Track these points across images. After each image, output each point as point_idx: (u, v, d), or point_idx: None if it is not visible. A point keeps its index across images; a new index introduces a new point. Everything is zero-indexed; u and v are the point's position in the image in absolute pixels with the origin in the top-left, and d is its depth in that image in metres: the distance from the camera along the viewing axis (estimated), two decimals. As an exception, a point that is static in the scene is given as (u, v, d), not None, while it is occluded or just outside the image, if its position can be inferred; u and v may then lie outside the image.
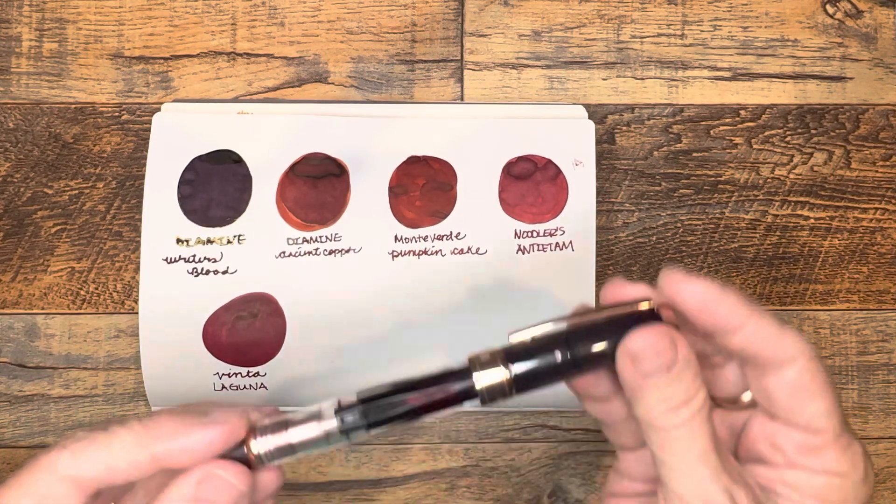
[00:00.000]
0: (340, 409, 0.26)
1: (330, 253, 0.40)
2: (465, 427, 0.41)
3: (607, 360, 0.26)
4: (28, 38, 0.42)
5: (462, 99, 0.42)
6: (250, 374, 0.40)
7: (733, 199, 0.42)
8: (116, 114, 0.42)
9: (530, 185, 0.41)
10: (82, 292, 0.41)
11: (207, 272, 0.40)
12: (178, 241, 0.40)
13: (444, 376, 0.26)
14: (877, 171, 0.42)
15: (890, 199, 0.42)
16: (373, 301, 0.40)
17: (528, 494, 0.41)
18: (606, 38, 0.43)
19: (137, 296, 0.40)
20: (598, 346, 0.26)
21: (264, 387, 0.40)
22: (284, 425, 0.26)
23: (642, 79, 0.43)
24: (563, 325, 0.27)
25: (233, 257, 0.40)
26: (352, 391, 0.40)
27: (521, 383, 0.26)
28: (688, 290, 0.26)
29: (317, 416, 0.26)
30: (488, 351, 0.26)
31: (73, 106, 0.42)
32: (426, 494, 0.41)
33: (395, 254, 0.40)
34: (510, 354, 0.26)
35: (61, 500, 0.25)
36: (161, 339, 0.39)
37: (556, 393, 0.40)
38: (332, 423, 0.26)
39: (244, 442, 0.26)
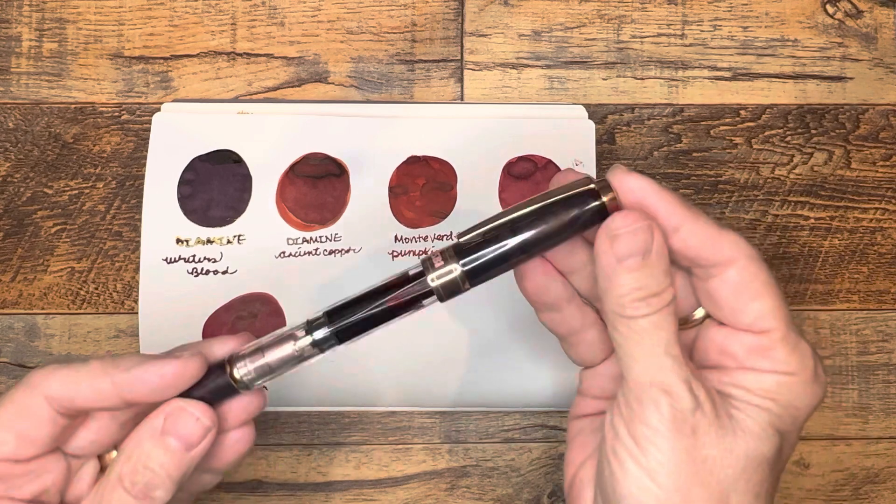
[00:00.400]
0: (310, 326, 0.28)
1: (330, 253, 0.40)
2: (465, 427, 0.41)
3: (552, 239, 0.27)
4: (28, 38, 0.42)
5: (462, 99, 0.42)
6: (250, 374, 0.40)
7: (733, 199, 0.42)
8: (116, 114, 0.42)
9: (530, 185, 0.41)
10: (82, 292, 0.41)
11: (207, 272, 0.40)
12: (178, 241, 0.40)
13: (402, 281, 0.28)
14: (877, 171, 0.42)
15: (890, 199, 0.42)
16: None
17: (528, 494, 0.41)
18: (606, 38, 0.43)
19: (137, 296, 0.40)
20: (543, 226, 0.27)
21: (264, 387, 0.39)
22: (261, 350, 0.28)
23: (642, 79, 0.43)
24: (508, 215, 0.28)
25: (233, 257, 0.40)
26: (351, 391, 0.40)
27: (474, 275, 0.27)
28: (629, 183, 0.27)
29: (290, 337, 0.28)
30: (439, 250, 0.28)
31: (73, 106, 0.42)
32: (426, 494, 0.41)
33: (395, 254, 0.40)
34: (460, 250, 0.27)
35: (34, 413, 0.27)
36: (161, 339, 0.39)
37: (556, 393, 0.40)
38: (304, 341, 0.28)
39: (228, 370, 0.28)
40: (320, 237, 0.40)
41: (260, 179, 0.40)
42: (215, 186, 0.40)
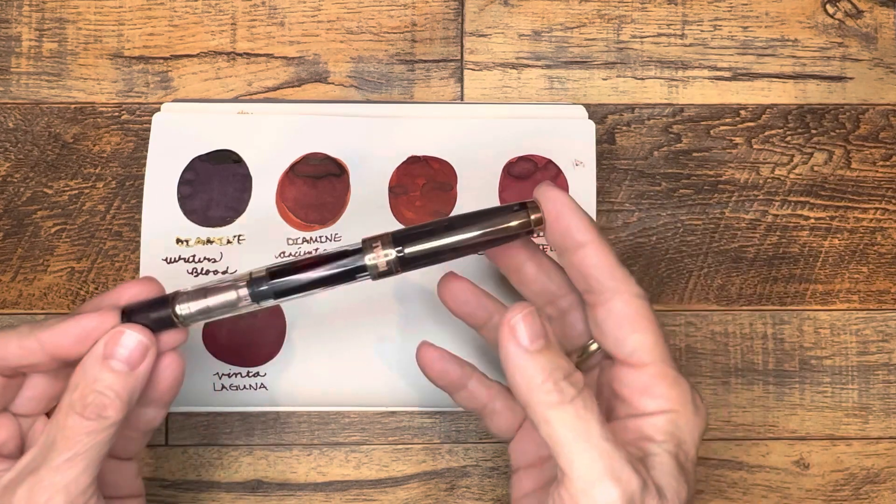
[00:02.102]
0: (251, 279, 0.31)
1: (330, 253, 0.40)
2: (465, 427, 0.41)
3: (481, 243, 0.30)
4: (28, 38, 0.42)
5: (462, 99, 0.42)
6: (250, 374, 0.40)
7: (733, 199, 0.42)
8: (116, 114, 0.42)
9: (530, 185, 0.41)
10: (82, 292, 0.41)
11: (207, 272, 0.40)
12: (178, 241, 0.40)
13: (342, 255, 0.31)
14: (877, 171, 0.42)
15: (890, 199, 0.42)
16: (372, 301, 0.40)
17: (528, 494, 0.41)
18: (606, 38, 0.43)
19: (137, 296, 0.40)
20: (475, 231, 0.30)
21: (264, 387, 0.40)
22: (204, 293, 0.31)
23: (642, 79, 0.43)
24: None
25: (233, 257, 0.40)
26: (352, 391, 0.40)
27: (406, 262, 0.30)
28: (549, 194, 0.30)
29: (232, 286, 0.31)
30: (379, 235, 0.31)
31: (73, 106, 0.42)
32: (426, 494, 0.41)
33: (395, 254, 0.40)
34: (398, 238, 0.30)
35: None
36: (161, 339, 0.39)
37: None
38: (244, 291, 0.30)
39: (170, 306, 0.30)
40: (320, 237, 0.40)
41: (260, 179, 0.40)
42: (215, 186, 0.40)
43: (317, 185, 0.41)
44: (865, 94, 0.43)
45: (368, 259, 0.30)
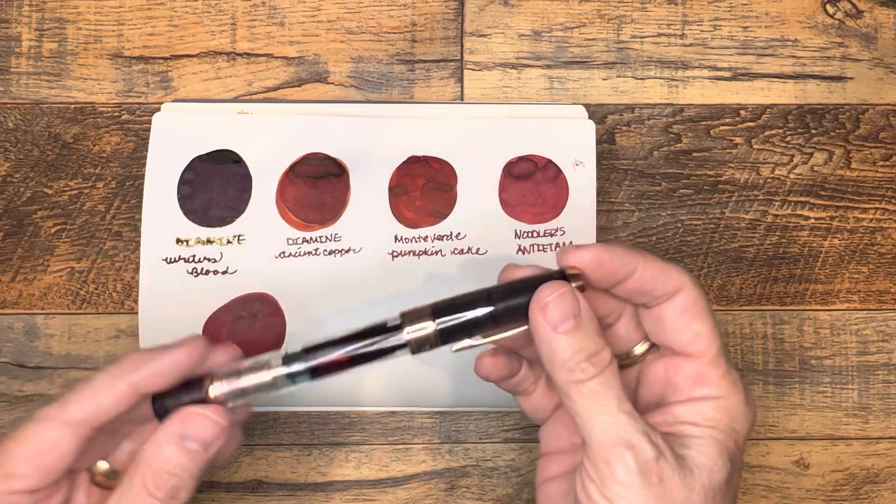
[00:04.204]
0: (287, 358, 0.30)
1: (330, 253, 0.40)
2: (465, 427, 0.41)
3: (522, 313, 0.29)
4: (28, 38, 0.42)
5: (462, 99, 0.42)
6: (250, 375, 0.40)
7: (733, 199, 0.42)
8: (116, 114, 0.42)
9: (531, 185, 0.41)
10: (82, 292, 0.41)
11: (207, 272, 0.40)
12: (178, 241, 0.40)
13: (379, 329, 0.30)
14: (877, 171, 0.42)
15: (890, 199, 0.42)
16: (373, 301, 0.40)
17: (528, 494, 0.41)
18: (606, 38, 0.43)
19: (137, 296, 0.40)
20: (515, 300, 0.29)
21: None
22: (237, 373, 0.30)
23: (642, 79, 0.43)
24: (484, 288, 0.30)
25: (233, 257, 0.40)
26: (352, 391, 0.40)
27: (446, 335, 0.29)
28: (581, 256, 0.30)
29: (266, 365, 0.30)
30: (417, 308, 0.30)
31: (73, 106, 0.42)
32: (426, 494, 0.41)
33: (395, 254, 0.40)
34: (437, 310, 0.29)
35: (57, 444, 0.29)
36: (161, 340, 0.39)
37: (556, 393, 0.40)
38: (279, 371, 0.30)
39: (204, 388, 0.30)
40: (320, 237, 0.40)
41: (260, 179, 0.40)
42: (215, 186, 0.40)
43: (317, 185, 0.41)
44: (865, 94, 0.43)
45: (408, 333, 0.29)
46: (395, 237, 0.40)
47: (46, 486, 0.29)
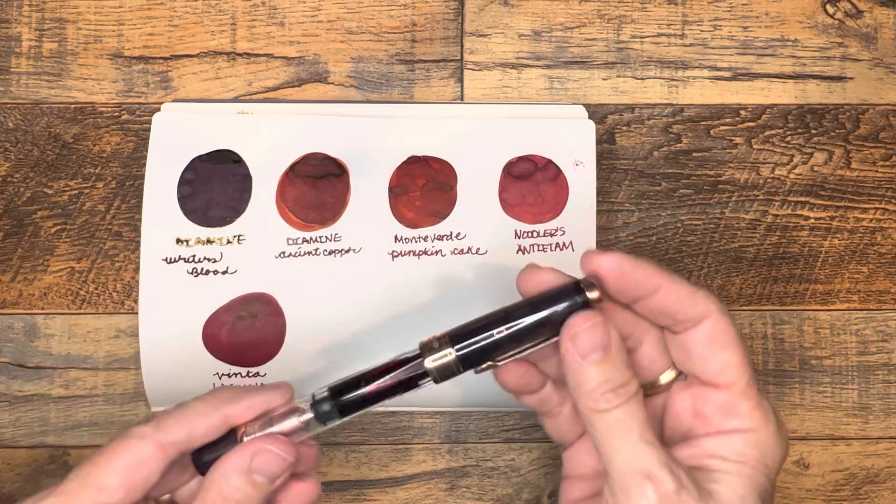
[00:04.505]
0: (315, 402, 0.30)
1: (330, 253, 0.40)
2: (465, 427, 0.41)
3: (541, 331, 0.29)
4: (28, 38, 0.42)
5: (462, 99, 0.42)
6: (250, 375, 0.40)
7: (733, 199, 0.42)
8: (116, 114, 0.42)
9: (531, 185, 0.41)
10: (82, 292, 0.41)
11: (207, 272, 0.40)
12: (178, 241, 0.40)
13: (400, 363, 0.30)
14: (877, 171, 0.42)
15: (890, 199, 0.42)
16: (373, 301, 0.40)
17: (528, 494, 0.41)
18: (606, 38, 0.43)
19: (137, 296, 0.40)
20: (532, 318, 0.29)
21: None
22: (269, 422, 0.30)
23: (642, 79, 0.43)
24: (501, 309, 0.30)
25: (233, 257, 0.40)
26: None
27: (467, 361, 0.29)
28: (605, 262, 0.29)
29: (295, 410, 0.31)
30: (436, 336, 0.30)
31: (73, 106, 0.42)
32: (426, 494, 0.41)
33: (395, 254, 0.40)
34: (455, 337, 0.30)
35: (147, 463, 0.29)
36: (161, 340, 0.39)
37: (556, 393, 0.40)
38: (308, 415, 0.30)
39: (238, 438, 0.30)
40: (320, 237, 0.40)
41: (260, 179, 0.40)
42: (215, 186, 0.40)
43: (317, 185, 0.41)
44: (865, 94, 0.43)
45: (429, 363, 0.30)
46: (395, 237, 0.40)
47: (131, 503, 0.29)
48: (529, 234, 0.40)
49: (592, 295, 0.29)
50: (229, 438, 0.30)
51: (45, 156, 0.42)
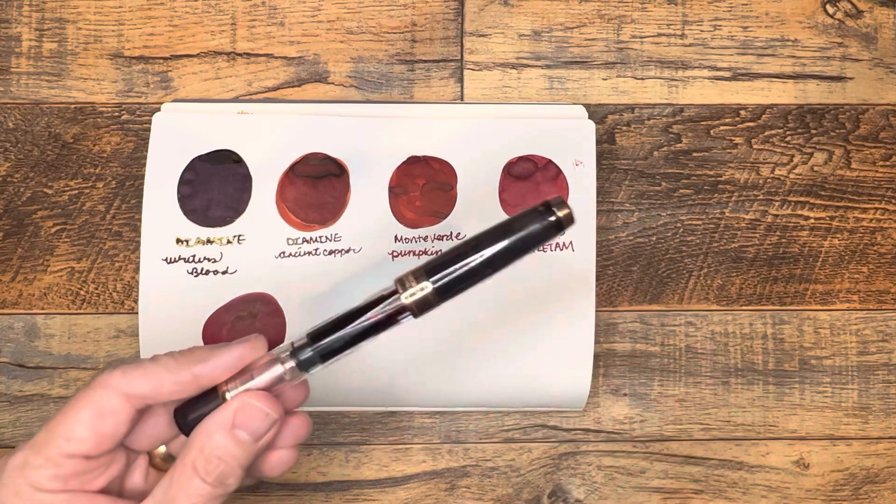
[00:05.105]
0: (294, 350, 0.30)
1: (330, 253, 0.40)
2: (465, 427, 0.41)
3: (515, 254, 0.29)
4: (28, 38, 0.42)
5: (462, 99, 0.42)
6: (250, 374, 0.40)
7: (733, 199, 0.42)
8: (116, 114, 0.42)
9: (530, 185, 0.41)
10: (82, 292, 0.41)
11: (207, 272, 0.40)
12: (178, 241, 0.40)
13: (378, 301, 0.30)
14: (877, 171, 0.42)
15: (890, 199, 0.42)
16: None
17: (528, 494, 0.41)
18: (606, 38, 0.43)
19: (137, 296, 0.40)
20: (505, 240, 0.29)
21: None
22: (251, 376, 0.30)
23: (642, 79, 0.43)
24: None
25: (233, 257, 0.40)
26: (352, 391, 0.40)
27: (444, 291, 0.30)
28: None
29: (276, 360, 0.30)
30: (411, 271, 0.30)
31: (73, 106, 0.42)
32: (426, 494, 0.41)
33: (395, 254, 0.40)
34: (429, 269, 0.30)
35: (114, 412, 0.29)
36: (161, 340, 0.39)
37: (556, 393, 0.40)
38: (290, 363, 0.30)
39: (220, 394, 0.30)
40: (320, 237, 0.40)
41: (260, 179, 0.40)
42: (215, 186, 0.40)
43: (317, 185, 0.41)
44: (865, 94, 0.43)
45: (405, 298, 0.30)
46: (395, 237, 0.40)
47: (102, 453, 0.29)
48: (529, 234, 0.40)
49: (562, 213, 0.29)
50: (212, 396, 0.30)
51: (45, 156, 0.42)
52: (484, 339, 0.40)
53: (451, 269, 0.29)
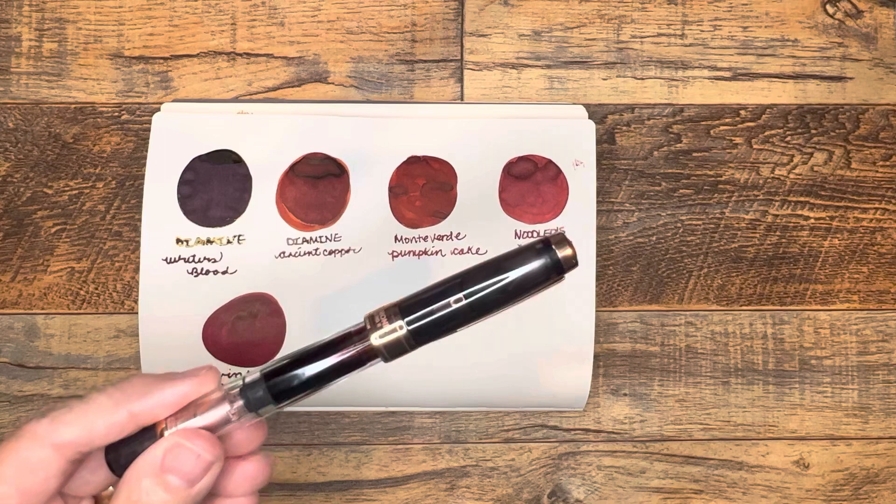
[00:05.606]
0: (244, 387, 0.26)
1: (330, 253, 0.40)
2: (465, 427, 0.41)
3: (504, 298, 0.25)
4: (28, 38, 0.42)
5: (462, 99, 0.42)
6: (250, 375, 0.40)
7: (733, 199, 0.42)
8: (116, 114, 0.42)
9: (531, 185, 0.41)
10: (82, 292, 0.41)
11: (207, 272, 0.40)
12: (178, 241, 0.40)
13: (343, 340, 0.26)
14: (877, 171, 0.42)
15: (890, 199, 0.42)
16: (373, 301, 0.40)
17: (528, 494, 0.41)
18: (606, 38, 0.43)
19: (137, 296, 0.40)
20: (495, 281, 0.25)
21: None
22: (193, 413, 0.26)
23: (642, 79, 0.43)
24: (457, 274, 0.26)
25: (233, 257, 0.40)
26: (352, 391, 0.40)
27: (420, 335, 0.25)
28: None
29: (225, 398, 0.26)
30: (383, 307, 0.26)
31: (73, 106, 0.42)
32: (426, 494, 0.41)
33: (395, 254, 0.40)
34: (405, 308, 0.26)
35: (42, 465, 0.25)
36: (161, 339, 0.39)
37: (556, 393, 0.40)
38: (238, 402, 0.26)
39: (157, 433, 0.26)
40: (320, 237, 0.40)
41: (260, 179, 0.40)
42: (215, 186, 0.40)
43: (317, 185, 0.41)
44: (865, 94, 0.43)
45: (375, 339, 0.26)
46: (395, 237, 0.40)
47: None
48: (529, 234, 0.40)
49: (564, 253, 0.25)
50: (148, 434, 0.26)
51: (45, 156, 0.42)
52: (484, 339, 0.40)
53: (430, 308, 0.25)
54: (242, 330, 0.40)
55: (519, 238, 0.40)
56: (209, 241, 0.40)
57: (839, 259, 0.42)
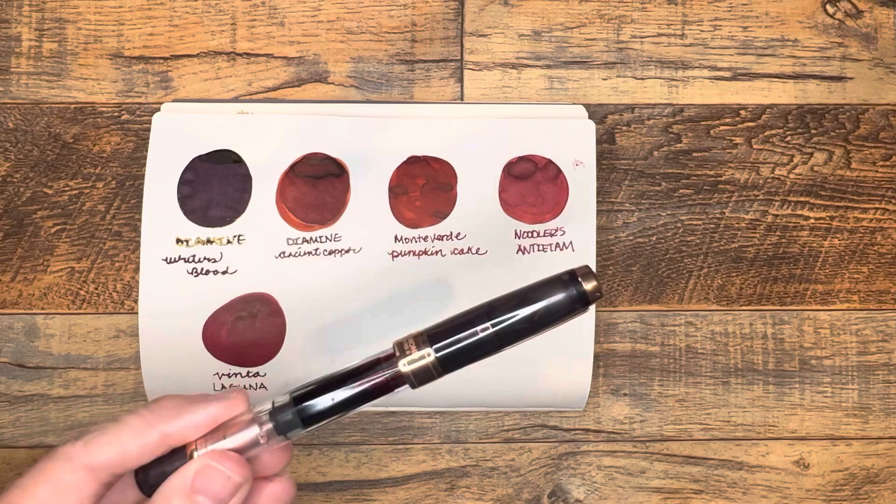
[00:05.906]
0: (274, 411, 0.27)
1: (330, 253, 0.40)
2: (465, 427, 0.41)
3: (530, 327, 0.26)
4: (28, 38, 0.42)
5: (462, 99, 0.42)
6: (250, 375, 0.40)
7: (733, 199, 0.42)
8: (116, 114, 0.42)
9: (531, 185, 0.41)
10: (82, 292, 0.41)
11: (207, 272, 0.40)
12: (178, 241, 0.40)
13: (372, 366, 0.27)
14: (877, 171, 0.42)
15: (890, 199, 0.42)
16: (373, 301, 0.40)
17: (528, 494, 0.41)
18: (606, 38, 0.43)
19: (137, 296, 0.40)
20: (521, 311, 0.26)
21: (264, 387, 0.40)
22: (223, 434, 0.27)
23: (642, 79, 0.43)
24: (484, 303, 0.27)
25: (233, 257, 0.40)
26: (352, 391, 0.40)
27: (448, 363, 0.26)
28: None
29: (254, 420, 0.27)
30: (412, 335, 0.27)
31: (73, 106, 0.42)
32: (426, 494, 0.41)
33: (395, 254, 0.40)
34: (433, 336, 0.26)
35: (76, 487, 0.26)
36: (161, 340, 0.39)
37: (556, 393, 0.40)
38: (268, 426, 0.27)
39: (187, 455, 0.27)
40: (320, 237, 0.40)
41: (260, 179, 0.40)
42: (215, 186, 0.40)
43: (317, 185, 0.41)
44: (865, 94, 0.43)
45: (403, 365, 0.26)
46: (395, 237, 0.40)
47: None
48: (529, 234, 0.40)
49: (589, 286, 0.26)
50: (178, 455, 0.27)
51: (45, 156, 0.42)
52: None
53: (458, 336, 0.26)
54: (242, 330, 0.40)
55: (519, 238, 0.40)
56: (209, 241, 0.40)
57: (839, 259, 0.42)
